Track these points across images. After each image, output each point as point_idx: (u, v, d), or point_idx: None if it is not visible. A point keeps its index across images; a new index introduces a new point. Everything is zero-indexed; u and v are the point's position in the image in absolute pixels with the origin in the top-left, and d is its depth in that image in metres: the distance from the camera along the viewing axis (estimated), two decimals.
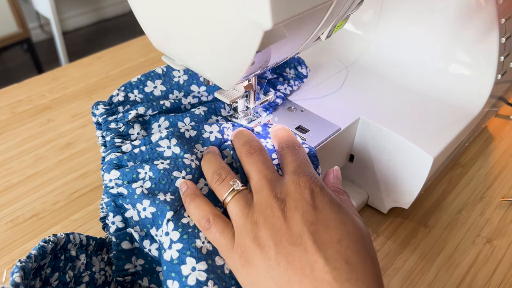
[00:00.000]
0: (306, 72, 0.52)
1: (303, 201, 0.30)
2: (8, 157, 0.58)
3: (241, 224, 0.31)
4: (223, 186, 0.34)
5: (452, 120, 0.48)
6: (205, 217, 0.32)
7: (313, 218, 0.30)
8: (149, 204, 0.34)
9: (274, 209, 0.30)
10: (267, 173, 0.33)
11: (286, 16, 0.26)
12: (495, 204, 0.54)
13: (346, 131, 0.46)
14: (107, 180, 0.36)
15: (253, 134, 0.39)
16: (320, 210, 0.30)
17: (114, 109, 0.42)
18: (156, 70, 0.45)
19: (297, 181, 0.32)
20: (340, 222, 0.30)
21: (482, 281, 0.45)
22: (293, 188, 0.31)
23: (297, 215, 0.30)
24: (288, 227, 0.29)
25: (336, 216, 0.30)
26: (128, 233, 0.35)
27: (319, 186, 0.32)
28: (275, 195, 0.31)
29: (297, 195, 0.31)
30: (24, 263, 0.29)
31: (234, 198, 0.33)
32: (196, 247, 0.32)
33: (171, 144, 0.38)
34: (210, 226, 0.32)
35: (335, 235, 0.29)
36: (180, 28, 0.33)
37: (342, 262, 0.28)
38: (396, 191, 0.49)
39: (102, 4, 2.68)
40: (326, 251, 0.28)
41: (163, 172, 0.36)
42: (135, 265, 0.35)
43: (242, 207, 0.32)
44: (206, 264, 0.31)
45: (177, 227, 0.33)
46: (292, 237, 0.29)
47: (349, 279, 0.27)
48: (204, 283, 0.30)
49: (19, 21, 1.79)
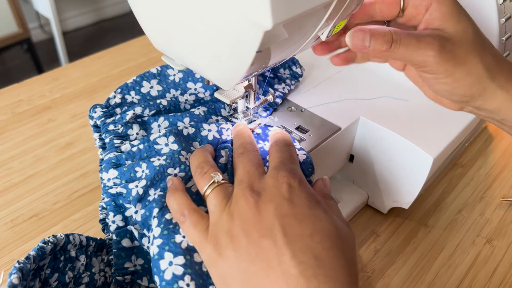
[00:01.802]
0: (301, 72, 0.52)
1: (279, 194, 0.30)
2: (8, 157, 0.58)
3: (217, 215, 0.31)
4: (204, 178, 0.34)
5: (452, 120, 0.48)
6: (181, 210, 0.32)
7: (286, 211, 0.29)
8: (141, 207, 0.35)
9: (249, 201, 0.30)
10: (251, 169, 0.33)
11: (286, 17, 0.26)
12: (495, 204, 0.54)
13: (346, 131, 0.46)
14: (106, 179, 0.36)
15: (251, 136, 0.39)
16: (295, 204, 0.30)
17: (112, 111, 0.42)
18: (151, 70, 0.45)
19: (276, 175, 0.32)
20: (314, 218, 0.29)
21: (482, 281, 0.45)
22: (271, 182, 0.31)
23: (270, 208, 0.29)
24: (260, 219, 0.29)
25: (311, 211, 0.30)
26: (129, 230, 0.36)
27: (297, 181, 0.31)
28: (252, 188, 0.31)
29: (274, 189, 0.31)
30: (23, 264, 0.29)
31: (214, 191, 0.33)
32: (175, 242, 0.32)
33: (169, 142, 0.38)
34: (185, 219, 0.32)
35: (307, 229, 0.28)
36: (180, 28, 0.33)
37: (310, 256, 0.27)
38: (396, 191, 0.49)
39: (102, 4, 2.68)
40: (295, 244, 0.28)
41: (158, 168, 0.36)
42: (134, 265, 0.35)
43: (220, 199, 0.32)
44: (184, 259, 0.31)
45: (160, 223, 0.33)
46: (263, 229, 0.29)
47: (317, 275, 0.27)
48: (180, 277, 0.30)
49: (19, 21, 1.79)
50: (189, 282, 0.30)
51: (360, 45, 0.33)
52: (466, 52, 0.34)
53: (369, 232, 0.50)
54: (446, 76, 0.34)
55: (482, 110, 0.37)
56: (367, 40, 0.33)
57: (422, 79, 0.38)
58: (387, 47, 0.33)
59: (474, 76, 0.34)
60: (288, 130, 0.44)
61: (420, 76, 0.37)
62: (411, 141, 0.44)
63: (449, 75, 0.34)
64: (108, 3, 2.69)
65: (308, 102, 0.49)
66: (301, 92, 0.51)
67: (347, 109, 0.48)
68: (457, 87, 0.35)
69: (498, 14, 0.48)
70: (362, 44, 0.33)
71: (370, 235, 0.50)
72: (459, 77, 0.34)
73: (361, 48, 0.34)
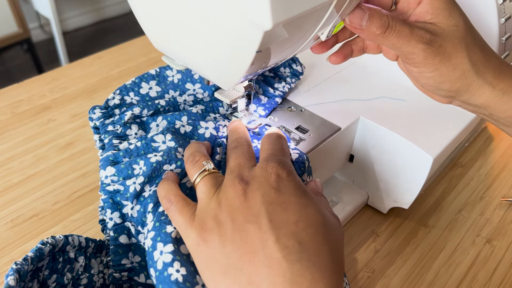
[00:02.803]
0: (302, 69, 0.52)
1: (267, 183, 0.30)
2: (9, 157, 0.58)
3: (205, 202, 0.31)
4: (195, 166, 0.34)
5: (452, 120, 0.48)
6: (167, 196, 0.32)
7: (273, 198, 0.30)
8: (137, 203, 0.35)
9: (237, 188, 0.31)
10: (241, 160, 0.34)
11: (286, 17, 0.26)
12: (495, 204, 0.54)
13: (346, 131, 0.46)
14: (103, 177, 0.37)
15: (246, 132, 0.39)
16: (282, 192, 0.30)
17: (111, 112, 0.42)
18: (149, 71, 0.45)
19: (265, 166, 0.32)
20: (300, 206, 0.30)
21: (482, 281, 0.45)
22: (260, 172, 0.31)
23: (257, 195, 0.30)
24: (246, 206, 0.30)
25: (297, 199, 0.30)
26: (126, 227, 0.36)
27: (286, 172, 0.31)
28: (241, 177, 0.31)
29: (262, 179, 0.31)
30: (20, 266, 0.29)
31: (204, 179, 0.33)
32: (166, 232, 0.32)
33: (166, 139, 0.38)
34: (171, 205, 0.32)
35: (293, 216, 0.29)
36: (180, 29, 0.33)
37: (294, 242, 0.27)
38: (396, 191, 0.49)
39: (102, 4, 2.68)
40: (279, 230, 0.28)
41: (155, 165, 0.36)
42: (131, 261, 0.36)
43: (209, 186, 0.32)
44: (172, 247, 0.31)
45: (153, 217, 0.33)
46: (249, 215, 0.29)
47: (300, 259, 0.27)
48: (169, 264, 0.30)
49: (19, 21, 1.79)
50: (178, 268, 0.30)
51: (357, 23, 0.33)
52: (454, 47, 0.34)
53: (369, 232, 0.50)
54: (432, 70, 0.35)
55: (470, 105, 0.37)
56: (364, 19, 0.33)
57: (408, 73, 0.38)
58: (381, 32, 0.33)
59: (459, 71, 0.35)
60: (288, 130, 0.44)
61: (406, 69, 0.37)
62: (411, 141, 0.44)
63: (435, 69, 0.34)
64: (108, 3, 2.69)
65: (308, 102, 0.49)
66: (301, 92, 0.51)
67: (347, 109, 0.48)
68: (442, 82, 0.35)
69: (498, 14, 0.48)
70: (359, 22, 0.33)
71: (370, 235, 0.50)
72: (445, 72, 0.35)
73: (357, 26, 0.33)
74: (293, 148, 0.39)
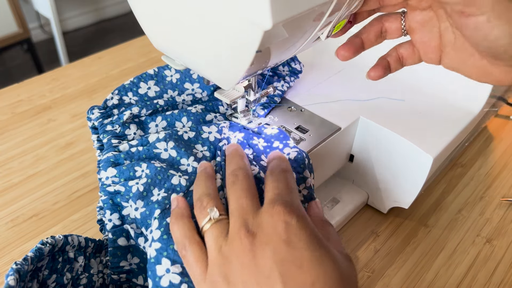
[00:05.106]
0: (300, 68, 0.52)
1: (275, 235, 0.28)
2: (8, 157, 0.58)
3: (214, 256, 0.30)
4: (202, 213, 0.32)
5: (452, 120, 0.48)
6: (183, 242, 0.31)
7: (284, 255, 0.27)
8: (142, 205, 0.35)
9: (244, 242, 0.28)
10: (243, 201, 0.31)
11: (286, 16, 0.26)
12: (495, 204, 0.54)
13: (346, 131, 0.46)
14: (104, 178, 0.36)
15: (244, 157, 0.37)
16: (293, 246, 0.27)
17: (109, 112, 0.42)
18: (148, 71, 0.45)
19: (271, 211, 0.29)
20: (316, 261, 0.27)
21: (482, 281, 0.45)
22: (266, 219, 0.29)
23: (267, 252, 0.27)
24: (256, 265, 0.27)
25: (311, 254, 0.27)
26: (125, 229, 0.36)
27: (295, 217, 0.28)
28: (246, 227, 0.29)
29: (270, 229, 0.28)
30: (20, 266, 0.29)
31: (210, 228, 0.31)
32: (174, 250, 0.31)
33: (168, 147, 0.38)
34: (186, 253, 0.30)
35: (309, 276, 0.26)
36: (180, 28, 0.33)
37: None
38: (396, 191, 0.49)
39: (102, 4, 2.68)
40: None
41: (159, 169, 0.36)
42: (130, 263, 0.35)
43: (216, 238, 0.30)
44: (181, 268, 0.31)
45: (160, 226, 0.33)
46: (260, 277, 0.27)
47: None
48: (177, 286, 0.30)
49: (19, 21, 1.79)
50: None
51: None
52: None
53: (369, 232, 0.50)
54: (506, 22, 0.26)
55: None
56: None
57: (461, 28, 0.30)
58: None
59: None
60: (288, 130, 0.44)
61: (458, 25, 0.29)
62: (411, 141, 0.44)
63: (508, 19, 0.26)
64: (108, 3, 2.69)
65: (308, 101, 0.49)
66: (301, 92, 0.51)
67: (347, 109, 0.48)
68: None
69: None
70: None
71: (370, 235, 0.50)
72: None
73: None
74: (292, 146, 0.39)
